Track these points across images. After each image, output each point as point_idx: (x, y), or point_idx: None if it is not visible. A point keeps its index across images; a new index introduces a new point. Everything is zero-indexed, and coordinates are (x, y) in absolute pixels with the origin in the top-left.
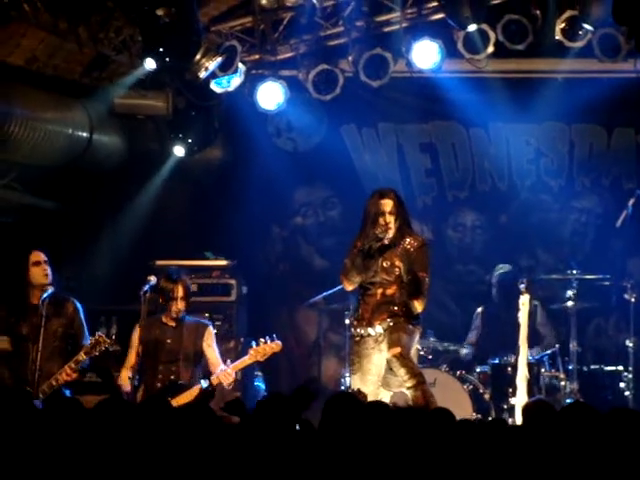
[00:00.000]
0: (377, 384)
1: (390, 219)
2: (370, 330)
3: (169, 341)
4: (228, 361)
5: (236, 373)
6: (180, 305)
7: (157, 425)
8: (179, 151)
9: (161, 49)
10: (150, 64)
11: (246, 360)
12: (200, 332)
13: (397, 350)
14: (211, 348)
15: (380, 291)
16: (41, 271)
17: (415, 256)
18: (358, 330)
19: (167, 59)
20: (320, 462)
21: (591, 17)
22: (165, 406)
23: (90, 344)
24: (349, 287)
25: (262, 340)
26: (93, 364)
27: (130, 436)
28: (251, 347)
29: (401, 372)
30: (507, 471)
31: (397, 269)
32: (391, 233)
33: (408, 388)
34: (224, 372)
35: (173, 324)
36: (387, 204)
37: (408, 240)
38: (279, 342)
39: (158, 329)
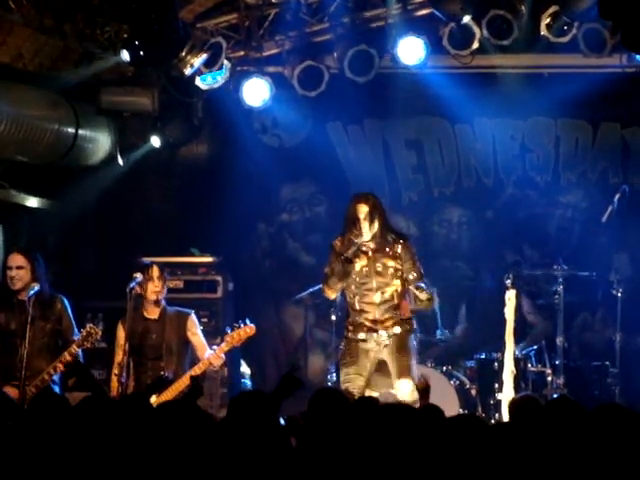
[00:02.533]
0: (366, 382)
1: (364, 224)
2: (374, 334)
3: (153, 336)
4: (214, 346)
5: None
6: (157, 284)
7: (140, 423)
8: (155, 141)
9: (137, 42)
10: (125, 56)
11: (223, 347)
12: (182, 322)
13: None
14: (196, 335)
15: (379, 294)
16: (9, 276)
17: (404, 257)
18: (358, 335)
19: (141, 52)
20: (306, 458)
21: (574, 11)
22: (145, 404)
23: (82, 336)
24: (332, 295)
25: (236, 325)
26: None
27: (114, 433)
28: (226, 334)
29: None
30: (494, 467)
31: (390, 269)
32: (367, 237)
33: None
34: (213, 355)
35: (155, 317)
36: (361, 210)
37: (392, 241)
38: (252, 325)
39: (141, 325)
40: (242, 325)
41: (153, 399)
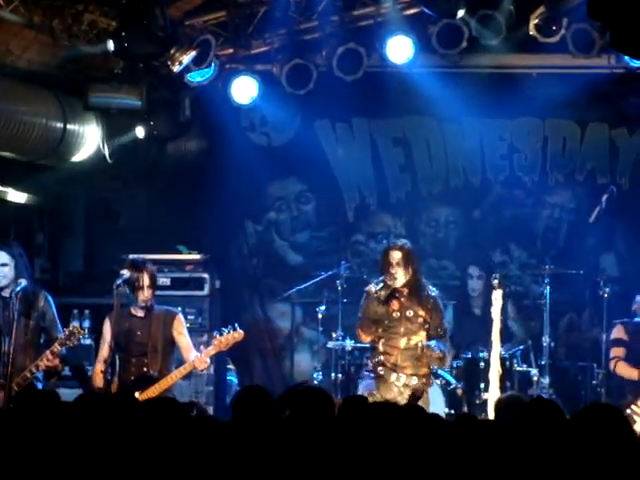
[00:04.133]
0: None
1: (397, 270)
2: (393, 374)
3: (139, 333)
4: (201, 347)
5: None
6: (147, 294)
7: (127, 419)
8: (140, 132)
9: (123, 34)
10: (110, 45)
11: (210, 351)
12: (169, 321)
13: None
14: (182, 335)
15: (405, 340)
16: None
17: (433, 311)
18: (377, 369)
19: (126, 44)
20: (293, 457)
21: (560, 10)
22: (131, 401)
23: (64, 335)
24: (367, 338)
25: (225, 330)
26: (66, 360)
27: (102, 430)
28: (215, 337)
29: None
30: (478, 467)
31: (420, 318)
32: (400, 282)
33: None
34: (199, 358)
35: (142, 314)
36: (394, 256)
37: (425, 293)
38: (241, 331)
39: (128, 322)
40: (231, 330)
41: (136, 396)
